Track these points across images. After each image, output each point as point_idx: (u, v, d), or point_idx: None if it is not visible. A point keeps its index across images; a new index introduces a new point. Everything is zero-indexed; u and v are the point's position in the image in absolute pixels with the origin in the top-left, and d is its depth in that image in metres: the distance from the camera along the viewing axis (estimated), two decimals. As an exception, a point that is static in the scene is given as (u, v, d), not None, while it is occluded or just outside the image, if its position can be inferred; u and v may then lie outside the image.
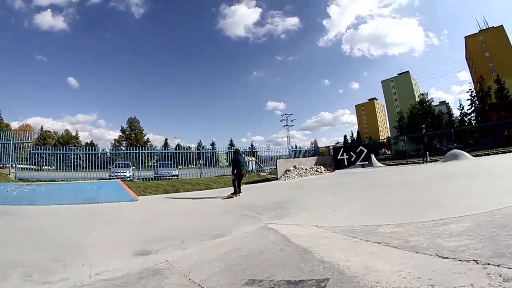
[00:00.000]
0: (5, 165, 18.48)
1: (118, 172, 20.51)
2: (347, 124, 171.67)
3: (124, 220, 8.18)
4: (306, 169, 21.26)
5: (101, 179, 17.17)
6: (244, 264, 3.93)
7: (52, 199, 11.06)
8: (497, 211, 4.86)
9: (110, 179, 17.38)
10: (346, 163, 22.78)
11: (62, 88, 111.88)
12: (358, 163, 22.64)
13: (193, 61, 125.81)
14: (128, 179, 19.55)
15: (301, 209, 7.89)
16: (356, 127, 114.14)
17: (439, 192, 8.26)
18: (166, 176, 20.58)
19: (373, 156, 24.01)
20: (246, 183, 17.96)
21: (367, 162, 22.65)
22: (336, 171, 21.81)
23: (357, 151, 23.30)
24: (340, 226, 5.35)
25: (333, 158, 23.72)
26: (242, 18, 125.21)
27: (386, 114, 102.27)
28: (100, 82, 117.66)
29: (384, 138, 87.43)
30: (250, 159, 25.82)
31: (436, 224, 4.61)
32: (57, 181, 16.41)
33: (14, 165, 18.34)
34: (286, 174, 20.16)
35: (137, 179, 19.81)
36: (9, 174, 17.47)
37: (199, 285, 3.47)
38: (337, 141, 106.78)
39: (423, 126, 64.82)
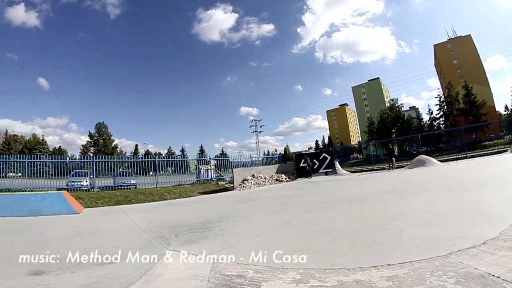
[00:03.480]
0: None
1: (75, 182, 19.23)
2: (319, 129, 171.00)
3: (48, 236, 7.63)
4: (265, 178, 19.86)
5: (58, 189, 16.55)
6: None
7: (-3, 210, 10.51)
8: (455, 258, 3.78)
9: (64, 189, 16.33)
10: (309, 171, 21.35)
11: (32, 89, 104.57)
12: (321, 170, 21.50)
13: (167, 65, 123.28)
14: (85, 188, 18.54)
15: (223, 232, 7.09)
16: (328, 132, 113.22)
17: (392, 213, 7.04)
18: (124, 186, 19.79)
19: (337, 163, 23.07)
20: (202, 193, 17.61)
21: (330, 170, 21.66)
22: (298, 179, 20.44)
23: (320, 158, 22.16)
24: (240, 265, 4.67)
25: (295, 166, 22.18)
26: (217, 23, 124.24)
27: (357, 119, 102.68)
28: (72, 85, 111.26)
29: (355, 143, 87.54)
30: (209, 167, 24.31)
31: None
32: (13, 190, 15.69)
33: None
34: (243, 183, 18.70)
35: (97, 188, 18.74)
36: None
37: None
38: (310, 146, 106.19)
39: (393, 130, 65.22)
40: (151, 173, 22.60)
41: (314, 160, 21.78)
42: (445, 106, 62.41)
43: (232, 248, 5.57)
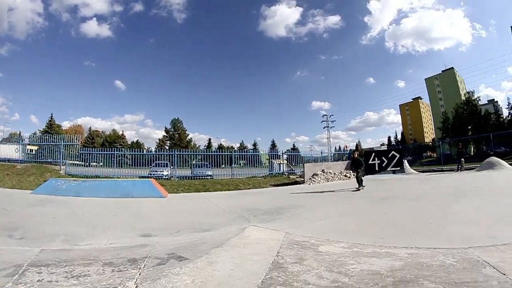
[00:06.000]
0: (56, 163, 20.59)
1: (156, 172, 21.46)
2: (393, 124, 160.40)
3: (145, 212, 9.76)
4: (334, 173, 20.52)
5: (141, 177, 18.63)
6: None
7: (94, 192, 12.85)
8: (471, 250, 4.45)
9: (148, 177, 18.44)
10: (377, 169, 21.72)
11: (110, 90, 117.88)
12: (389, 168, 21.56)
13: (236, 63, 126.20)
14: (166, 177, 20.53)
15: (293, 216, 8.49)
16: (401, 128, 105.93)
17: (440, 211, 7.83)
18: (201, 176, 21.21)
19: (405, 162, 22.77)
20: (274, 186, 18.93)
21: (398, 168, 21.61)
22: (366, 176, 20.53)
23: (389, 156, 22.18)
24: (305, 236, 5.98)
25: (364, 163, 22.33)
26: (282, 18, 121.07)
27: (431, 114, 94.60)
28: (146, 85, 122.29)
29: (429, 141, 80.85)
30: (281, 161, 25.42)
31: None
32: (101, 177, 18.37)
33: (64, 163, 20.42)
34: (313, 178, 19.62)
35: (177, 177, 20.66)
36: (60, 170, 19.55)
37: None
38: (382, 142, 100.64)
39: (469, 127, 58.07)
40: (223, 165, 24.12)
41: (383, 158, 21.80)
42: (528, 98, 54.26)
43: (300, 227, 6.93)
